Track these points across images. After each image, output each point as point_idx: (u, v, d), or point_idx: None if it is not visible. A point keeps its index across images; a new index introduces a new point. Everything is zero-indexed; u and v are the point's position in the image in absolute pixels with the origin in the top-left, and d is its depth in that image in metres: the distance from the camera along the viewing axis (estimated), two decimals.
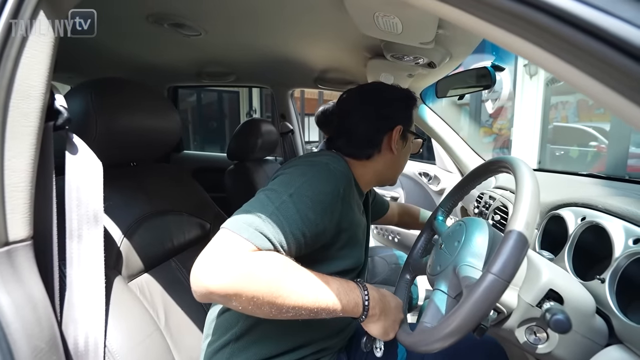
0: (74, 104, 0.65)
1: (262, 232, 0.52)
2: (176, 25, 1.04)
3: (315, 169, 0.63)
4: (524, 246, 0.45)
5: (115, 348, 0.54)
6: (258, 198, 0.58)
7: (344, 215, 0.64)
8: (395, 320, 0.65)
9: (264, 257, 0.51)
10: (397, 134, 0.76)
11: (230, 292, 0.47)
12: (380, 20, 0.71)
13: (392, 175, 0.83)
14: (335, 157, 0.69)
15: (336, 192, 0.62)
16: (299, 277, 0.54)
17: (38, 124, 0.48)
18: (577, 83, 0.32)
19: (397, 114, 0.78)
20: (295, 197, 0.57)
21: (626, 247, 0.56)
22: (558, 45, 0.31)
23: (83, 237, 0.54)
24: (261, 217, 0.53)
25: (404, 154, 0.81)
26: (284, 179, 0.61)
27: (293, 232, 0.55)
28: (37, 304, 0.43)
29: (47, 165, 0.50)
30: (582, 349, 0.55)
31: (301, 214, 0.56)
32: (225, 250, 0.50)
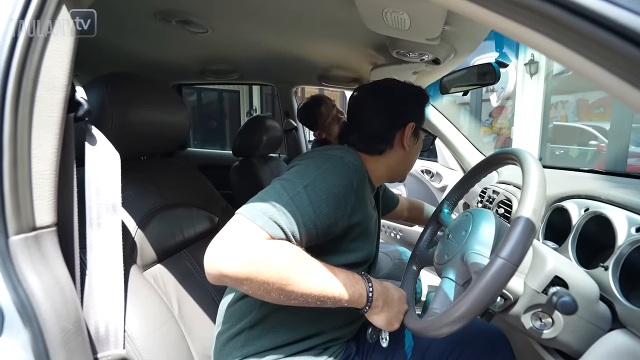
0: (91, 96, 0.66)
1: (276, 221, 0.54)
2: (184, 22, 1.05)
3: (330, 162, 0.64)
4: (532, 231, 0.47)
5: (134, 333, 0.55)
6: (274, 187, 0.59)
7: (357, 208, 0.65)
8: (398, 312, 0.67)
9: (276, 245, 0.53)
10: (409, 130, 0.77)
11: (241, 276, 0.50)
12: (388, 17, 0.72)
13: (402, 171, 0.85)
14: (349, 152, 0.71)
15: (350, 185, 0.63)
16: (308, 267, 0.56)
17: (61, 114, 0.49)
18: (587, 72, 0.33)
19: (410, 110, 0.79)
20: (309, 189, 0.58)
21: (629, 235, 0.58)
22: (567, 35, 0.32)
23: (102, 226, 0.56)
24: (275, 207, 0.55)
25: (415, 150, 0.83)
26: (300, 169, 0.62)
27: (305, 223, 0.57)
28: (64, 287, 0.45)
29: (68, 155, 0.52)
30: (586, 334, 0.56)
31: (314, 206, 0.58)
32: (240, 235, 0.52)
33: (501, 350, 0.78)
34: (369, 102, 0.80)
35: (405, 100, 0.79)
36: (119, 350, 0.53)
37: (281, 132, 1.76)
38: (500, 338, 0.80)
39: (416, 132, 0.80)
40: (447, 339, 0.78)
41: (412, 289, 0.77)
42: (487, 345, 0.77)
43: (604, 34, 0.30)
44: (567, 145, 5.42)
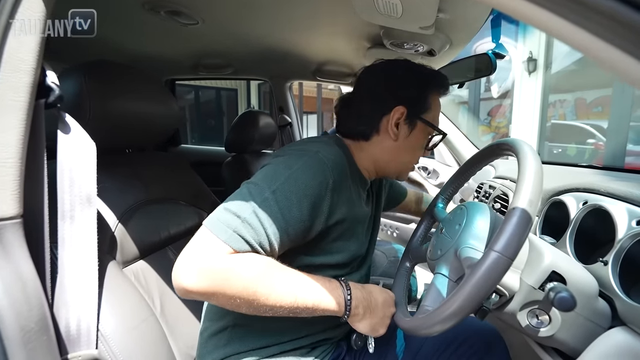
0: (67, 84, 0.64)
1: (240, 234, 0.51)
2: (173, 13, 1.02)
3: (304, 159, 0.59)
4: (528, 223, 0.45)
5: (108, 332, 0.53)
6: (241, 193, 0.56)
7: (336, 208, 0.61)
8: (384, 316, 0.64)
9: (240, 260, 0.51)
10: (396, 115, 0.68)
11: (207, 292, 0.49)
12: (380, 3, 0.70)
13: (394, 166, 0.74)
14: (329, 144, 0.65)
15: (325, 184, 0.58)
16: (276, 279, 0.54)
17: (28, 99, 0.47)
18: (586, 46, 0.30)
19: (404, 93, 0.69)
20: (278, 194, 0.55)
21: (630, 228, 0.56)
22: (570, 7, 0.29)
23: (75, 219, 0.53)
24: (240, 218, 0.52)
25: (409, 143, 0.71)
26: (269, 171, 0.58)
27: (274, 232, 0.54)
28: (27, 283, 0.42)
29: (38, 143, 0.49)
30: (585, 332, 0.54)
31: (284, 212, 0.54)
32: (203, 252, 0.50)
33: (496, 351, 0.75)
34: (368, 80, 0.72)
35: (404, 81, 0.70)
36: (91, 350, 0.50)
37: (275, 128, 1.73)
38: (496, 338, 0.77)
39: (411, 120, 0.69)
40: (440, 339, 0.75)
41: (405, 286, 0.74)
42: (482, 345, 0.75)
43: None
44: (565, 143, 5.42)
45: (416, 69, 0.72)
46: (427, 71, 0.72)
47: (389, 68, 0.72)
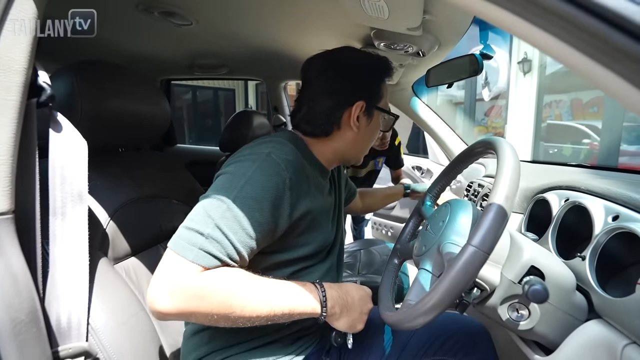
0: (59, 84, 0.65)
1: (207, 250, 0.52)
2: (166, 13, 1.03)
3: (257, 164, 0.58)
4: (504, 219, 0.46)
5: (98, 326, 0.54)
6: (200, 209, 0.55)
7: (296, 203, 0.61)
8: (361, 313, 0.65)
9: (211, 277, 0.52)
10: (357, 110, 0.68)
11: (183, 313, 0.50)
12: (367, 5, 0.71)
13: (355, 154, 0.76)
14: (281, 142, 0.64)
15: (281, 184, 0.58)
16: (250, 290, 0.55)
17: (20, 98, 0.48)
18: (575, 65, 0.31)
19: (361, 87, 0.69)
20: (237, 202, 0.55)
21: (606, 224, 0.57)
22: (556, 23, 0.30)
23: (67, 215, 0.54)
24: (203, 234, 0.52)
25: (369, 131, 0.73)
26: (225, 181, 0.57)
27: (240, 241, 0.55)
28: (17, 276, 0.43)
29: (29, 141, 0.50)
30: (562, 325, 0.56)
31: (246, 220, 0.55)
32: (173, 274, 0.51)
33: (482, 346, 0.76)
34: (318, 74, 0.71)
35: (356, 73, 0.70)
36: (81, 343, 0.51)
37: (270, 128, 1.75)
38: (482, 333, 0.78)
39: (369, 112, 0.71)
40: (426, 334, 0.76)
41: (392, 282, 0.76)
42: (468, 341, 0.76)
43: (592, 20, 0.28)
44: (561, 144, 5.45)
45: (367, 60, 0.72)
46: (376, 60, 0.73)
47: (339, 61, 0.71)
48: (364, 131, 0.72)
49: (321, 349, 0.73)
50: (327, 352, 0.74)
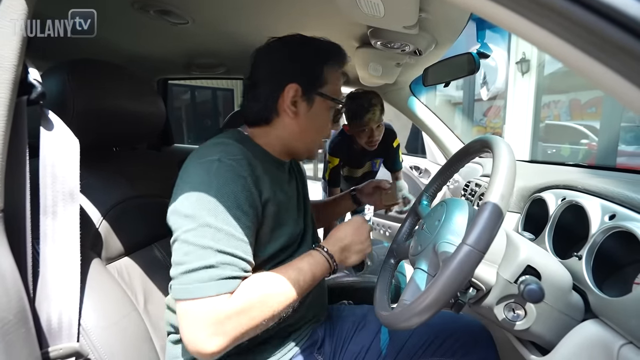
0: (51, 82, 0.64)
1: (225, 277, 0.53)
2: (162, 12, 1.02)
3: (213, 173, 0.57)
4: (499, 217, 0.46)
5: (89, 326, 0.53)
6: (188, 249, 0.53)
7: (260, 198, 0.62)
8: (361, 242, 0.69)
9: (240, 295, 0.54)
10: (291, 93, 0.66)
11: (234, 340, 0.52)
12: (362, 3, 0.71)
13: (301, 145, 0.73)
14: (225, 144, 0.62)
15: (245, 184, 0.58)
16: (276, 283, 0.58)
17: (9, 96, 0.47)
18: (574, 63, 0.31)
19: (295, 69, 0.67)
20: (221, 219, 0.54)
21: (602, 223, 0.57)
22: (554, 20, 0.30)
23: (58, 214, 0.53)
24: (214, 265, 0.53)
25: (310, 119, 0.70)
26: (194, 205, 0.55)
27: (244, 251, 0.57)
28: (5, 275, 0.42)
29: (20, 139, 0.50)
30: (559, 325, 0.55)
31: (239, 229, 0.56)
32: (206, 316, 0.51)
33: (483, 345, 0.76)
34: (260, 62, 0.70)
35: (293, 56, 0.68)
36: (72, 343, 0.50)
37: None
38: (482, 333, 0.78)
39: (308, 97, 0.68)
40: (425, 333, 0.76)
41: (388, 282, 0.75)
42: (468, 340, 0.75)
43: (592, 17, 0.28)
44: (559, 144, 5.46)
45: (307, 43, 0.70)
46: (319, 44, 0.71)
47: (278, 46, 0.70)
48: (304, 118, 0.69)
49: (312, 345, 0.73)
50: (318, 348, 0.73)
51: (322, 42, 0.72)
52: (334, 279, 1.34)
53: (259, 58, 0.71)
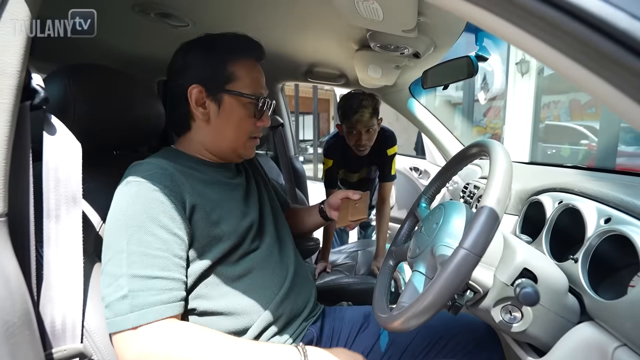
0: (53, 87, 0.65)
1: (141, 305, 0.52)
2: (162, 15, 1.03)
3: (123, 200, 0.59)
4: (495, 221, 0.46)
5: (93, 327, 0.54)
6: (106, 281, 0.55)
7: (183, 203, 0.61)
8: None
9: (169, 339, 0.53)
10: (193, 94, 0.66)
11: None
12: (361, 7, 0.71)
13: (223, 146, 0.71)
14: (140, 164, 0.64)
15: (156, 196, 0.58)
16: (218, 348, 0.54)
17: (13, 101, 0.48)
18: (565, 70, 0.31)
19: (194, 71, 0.66)
20: (134, 240, 0.55)
21: (598, 227, 0.58)
22: (553, 34, 0.30)
23: (61, 218, 0.54)
24: (127, 295, 0.52)
25: (225, 119, 0.68)
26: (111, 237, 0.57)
27: (162, 267, 0.55)
28: (10, 279, 0.43)
29: (23, 144, 0.50)
30: (555, 327, 0.56)
31: (153, 245, 0.56)
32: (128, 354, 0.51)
33: (488, 347, 0.75)
34: (170, 68, 0.71)
35: (192, 59, 0.67)
36: (76, 344, 0.51)
37: (267, 129, 1.75)
38: (488, 334, 0.77)
39: (215, 97, 0.67)
40: (428, 335, 0.76)
41: (387, 284, 0.76)
42: (472, 341, 0.75)
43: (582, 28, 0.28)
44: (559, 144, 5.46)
45: (206, 42, 0.69)
46: (221, 40, 0.69)
47: (181, 51, 0.70)
48: (217, 119, 0.68)
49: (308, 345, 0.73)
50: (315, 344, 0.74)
51: (225, 37, 0.70)
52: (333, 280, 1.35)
53: (169, 67, 0.72)
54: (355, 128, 1.39)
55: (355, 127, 1.39)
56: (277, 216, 0.83)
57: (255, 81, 0.70)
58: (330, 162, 1.58)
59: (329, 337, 0.78)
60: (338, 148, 1.57)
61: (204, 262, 0.63)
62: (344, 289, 1.27)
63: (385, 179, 1.59)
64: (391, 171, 1.57)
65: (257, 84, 0.71)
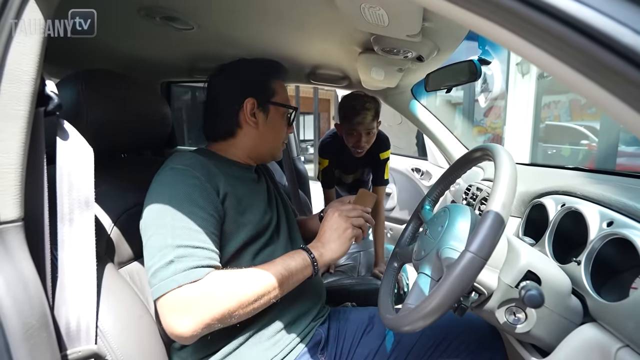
0: (65, 92, 0.66)
1: (184, 268, 0.58)
2: (168, 18, 1.04)
3: (165, 183, 0.67)
4: (501, 225, 0.48)
5: (107, 328, 0.55)
6: (150, 252, 0.61)
7: (217, 190, 0.69)
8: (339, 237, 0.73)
9: (208, 280, 0.59)
10: (249, 106, 0.78)
11: (204, 324, 0.57)
12: (367, 12, 0.72)
13: (265, 149, 0.85)
14: (178, 156, 0.72)
15: (196, 180, 0.66)
16: (248, 273, 0.63)
17: (29, 108, 0.49)
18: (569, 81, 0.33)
19: (248, 85, 0.80)
20: (177, 217, 0.61)
21: (600, 230, 0.59)
22: (547, 40, 0.31)
23: (74, 221, 0.55)
24: (173, 261, 0.59)
25: (269, 126, 0.82)
26: (152, 216, 0.64)
27: (202, 240, 0.62)
28: (28, 283, 0.44)
29: (38, 149, 0.51)
30: (558, 328, 0.57)
31: (194, 223, 0.62)
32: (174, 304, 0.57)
33: (491, 347, 0.77)
34: (216, 84, 0.83)
35: (243, 74, 0.81)
36: (91, 345, 0.52)
37: None
38: (491, 334, 0.79)
39: (264, 107, 0.80)
40: (432, 335, 0.78)
41: (392, 286, 0.77)
42: (476, 341, 0.77)
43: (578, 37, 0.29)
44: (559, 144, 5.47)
45: (254, 64, 0.84)
46: (263, 62, 0.86)
47: (230, 70, 0.83)
48: (264, 126, 0.81)
49: (316, 346, 0.75)
50: (322, 349, 0.75)
51: (266, 61, 0.86)
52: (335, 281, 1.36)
53: (214, 82, 0.84)
54: (356, 130, 1.39)
55: (356, 129, 1.39)
56: (290, 218, 0.90)
57: (287, 95, 0.87)
58: (326, 162, 1.58)
59: (334, 337, 0.79)
60: (334, 148, 1.57)
61: (230, 246, 0.69)
62: (348, 290, 1.28)
63: (378, 183, 1.59)
64: (384, 175, 1.57)
65: (288, 98, 0.87)
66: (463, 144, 1.58)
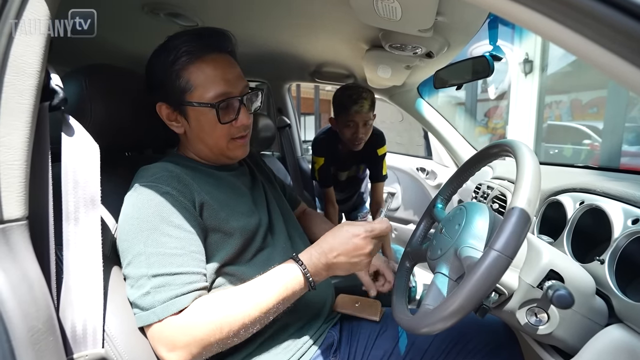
0: (69, 87, 0.64)
1: (164, 299, 0.55)
2: (172, 15, 1.03)
3: (134, 205, 0.60)
4: (527, 222, 0.45)
5: (114, 332, 0.53)
6: (129, 282, 0.58)
7: (193, 201, 0.62)
8: (352, 256, 0.60)
9: (189, 315, 0.55)
10: (163, 113, 0.68)
11: (197, 352, 0.54)
12: (379, 6, 0.71)
13: (208, 152, 0.71)
14: (146, 169, 0.65)
15: (166, 198, 0.60)
16: (236, 294, 0.57)
17: (33, 102, 0.47)
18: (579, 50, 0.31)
19: (155, 87, 0.68)
20: (150, 242, 0.57)
21: (625, 227, 0.57)
22: (562, 11, 0.30)
23: (80, 221, 0.53)
24: (150, 292, 0.55)
25: (198, 128, 0.67)
26: (126, 242, 0.59)
27: (181, 264, 0.57)
28: (33, 284, 0.42)
29: (42, 145, 0.50)
30: (582, 329, 0.55)
31: (169, 245, 0.57)
32: (160, 338, 0.55)
33: (507, 347, 0.75)
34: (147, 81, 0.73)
35: (151, 72, 0.68)
36: (98, 349, 0.50)
37: (274, 130, 1.74)
38: (506, 334, 0.77)
39: (180, 110, 0.66)
40: (447, 336, 0.76)
41: (405, 286, 0.75)
42: (491, 342, 0.75)
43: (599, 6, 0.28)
44: (562, 144, 5.46)
45: (156, 53, 0.67)
46: (165, 49, 0.65)
47: (147, 65, 0.69)
48: (191, 130, 0.69)
49: (328, 349, 0.73)
50: (334, 352, 0.73)
51: (169, 44, 0.64)
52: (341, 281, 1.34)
53: None
54: (353, 120, 1.36)
55: (353, 119, 1.36)
56: (286, 215, 0.84)
57: (214, 83, 0.64)
58: (321, 161, 1.56)
59: (347, 340, 0.77)
60: (328, 145, 1.55)
61: (219, 258, 0.64)
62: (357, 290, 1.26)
63: (377, 179, 1.58)
64: (382, 171, 1.56)
65: (218, 85, 0.64)
66: (469, 142, 1.56)
